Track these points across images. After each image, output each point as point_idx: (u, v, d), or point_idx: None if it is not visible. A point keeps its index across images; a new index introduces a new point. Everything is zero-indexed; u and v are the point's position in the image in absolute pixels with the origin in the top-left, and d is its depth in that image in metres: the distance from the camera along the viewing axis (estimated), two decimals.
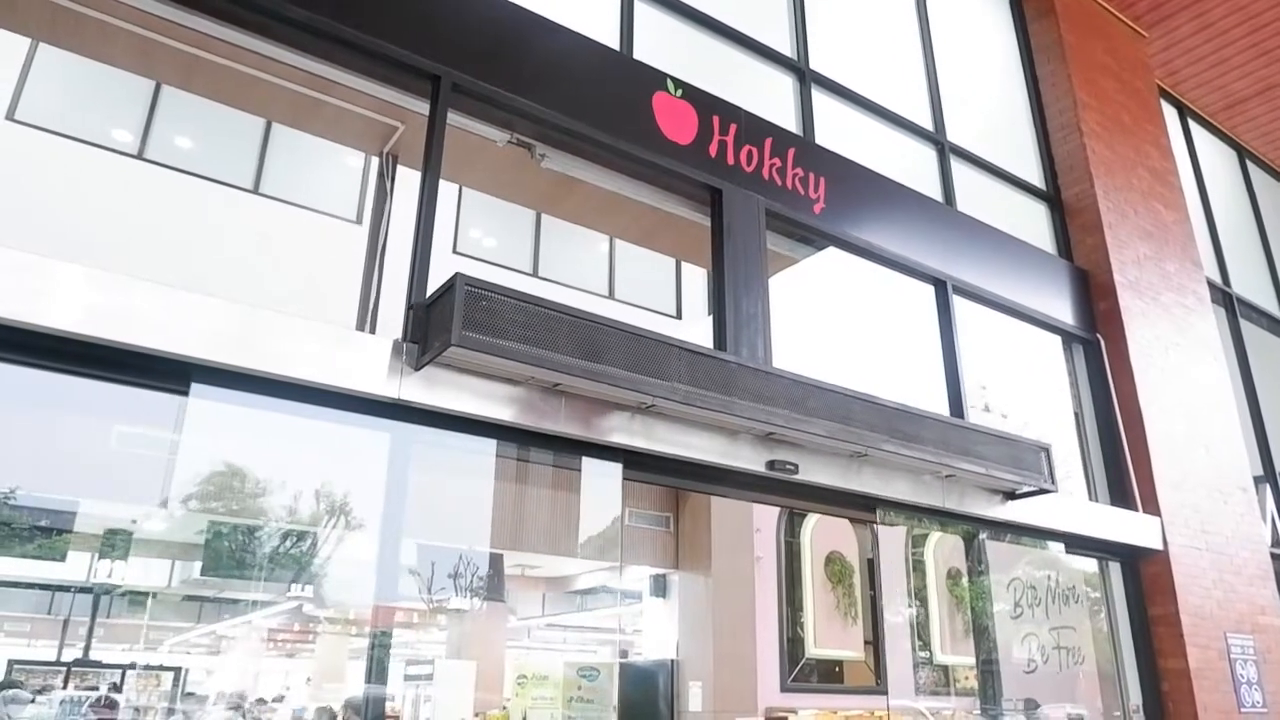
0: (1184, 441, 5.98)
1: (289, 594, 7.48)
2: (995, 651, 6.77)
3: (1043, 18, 7.02)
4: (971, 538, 5.36)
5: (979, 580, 6.58)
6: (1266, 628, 5.87)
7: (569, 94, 4.06)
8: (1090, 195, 6.32)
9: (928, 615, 8.26)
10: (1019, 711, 6.22)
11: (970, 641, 6.25)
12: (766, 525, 8.82)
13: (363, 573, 5.73)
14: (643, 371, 3.28)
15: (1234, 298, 7.95)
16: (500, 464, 3.76)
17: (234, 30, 3.43)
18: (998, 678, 7.11)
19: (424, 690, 11.51)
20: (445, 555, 6.80)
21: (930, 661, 8.36)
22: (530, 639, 15.84)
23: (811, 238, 4.98)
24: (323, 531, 6.29)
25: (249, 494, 5.64)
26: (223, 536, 6.43)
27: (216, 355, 2.72)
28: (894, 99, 5.81)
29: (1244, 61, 8.08)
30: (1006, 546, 5.53)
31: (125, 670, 10.25)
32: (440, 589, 7.17)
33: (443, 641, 10.97)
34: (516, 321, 3.03)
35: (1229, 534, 5.99)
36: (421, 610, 10.51)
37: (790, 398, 3.65)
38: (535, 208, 5.01)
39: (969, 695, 6.11)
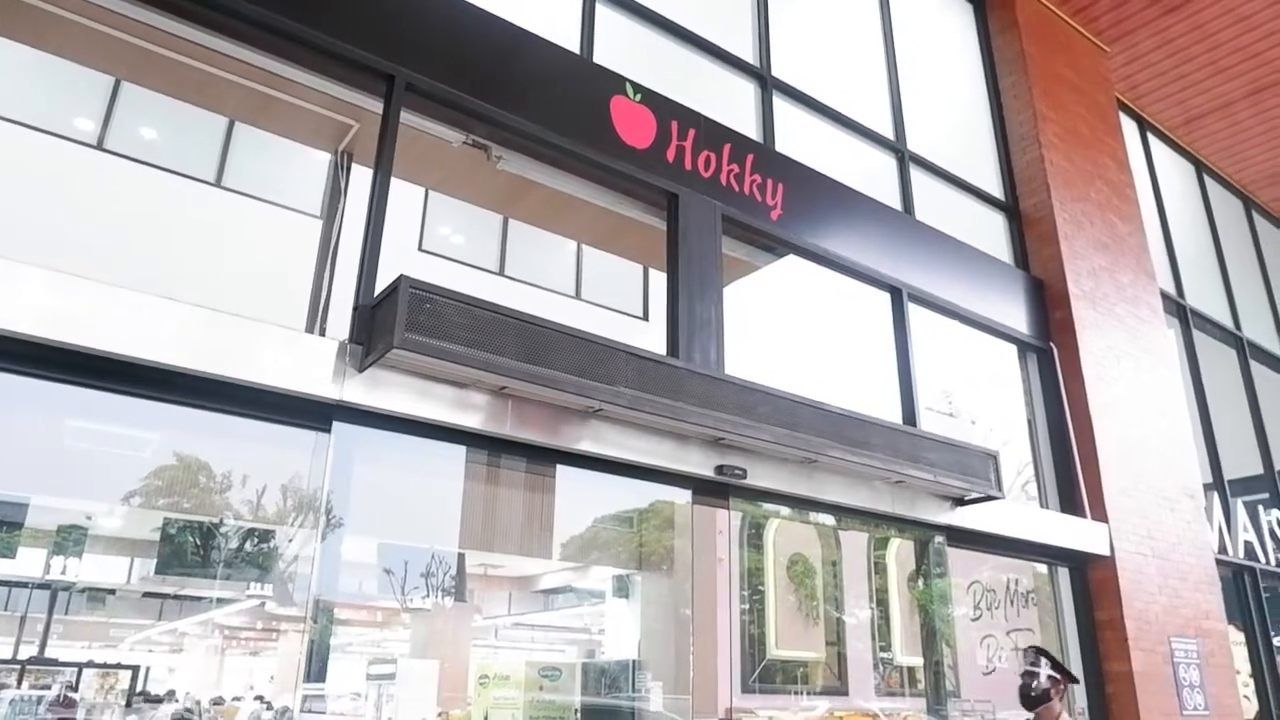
0: (1133, 449, 6.08)
1: (248, 592, 7.44)
2: (951, 653, 6.84)
3: (1006, 30, 7.11)
4: (925, 542, 5.43)
5: (939, 583, 6.65)
6: (1210, 632, 5.99)
7: (526, 96, 4.07)
8: (1047, 206, 6.42)
9: (888, 617, 8.34)
10: (975, 713, 6.30)
11: (932, 643, 6.32)
12: (729, 527, 8.87)
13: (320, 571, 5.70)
14: (590, 376, 3.30)
15: (1188, 309, 8.10)
16: (454, 464, 3.76)
17: (186, 25, 3.41)
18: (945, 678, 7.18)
19: (387, 689, 11.43)
20: (403, 553, 6.79)
21: (891, 663, 8.44)
22: (497, 638, 15.78)
23: (770, 244, 5.02)
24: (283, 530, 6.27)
25: (201, 492, 5.61)
26: (176, 534, 6.38)
27: (162, 356, 2.71)
28: (856, 107, 5.87)
29: (1203, 78, 8.24)
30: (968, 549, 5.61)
31: (82, 668, 10.11)
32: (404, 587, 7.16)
33: (407, 640, 10.92)
34: (461, 324, 3.04)
35: (1175, 540, 6.11)
36: (386, 609, 10.48)
37: (739, 404, 3.69)
38: (492, 209, 5.02)
39: None
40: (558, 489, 8.10)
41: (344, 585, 8.57)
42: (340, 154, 4.22)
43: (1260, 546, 7.34)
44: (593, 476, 3.83)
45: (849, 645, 9.68)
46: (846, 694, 9.50)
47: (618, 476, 3.73)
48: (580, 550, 8.43)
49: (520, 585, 10.92)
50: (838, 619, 9.76)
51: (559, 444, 3.51)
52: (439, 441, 3.39)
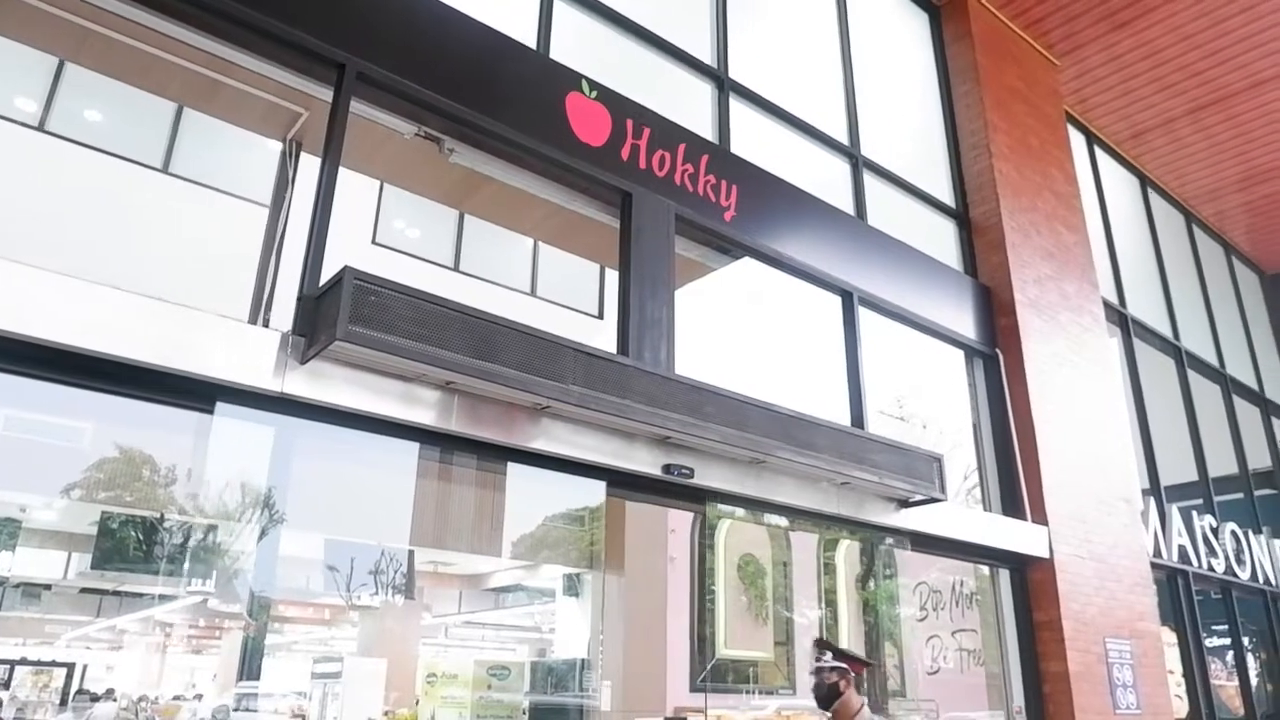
0: (1074, 455, 6.23)
1: (188, 588, 7.27)
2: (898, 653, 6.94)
3: (960, 40, 7.23)
4: (870, 543, 5.50)
5: (887, 584, 6.75)
6: (1144, 633, 6.15)
7: (480, 89, 4.03)
8: (996, 215, 6.54)
9: (837, 617, 8.43)
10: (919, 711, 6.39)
11: (881, 643, 6.41)
12: (681, 526, 8.89)
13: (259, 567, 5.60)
14: (537, 372, 3.28)
15: (1129, 319, 8.32)
16: (403, 460, 3.72)
17: (128, 4, 3.32)
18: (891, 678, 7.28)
19: (332, 688, 11.26)
20: (350, 550, 6.70)
21: None
22: (447, 637, 15.65)
23: (724, 246, 5.05)
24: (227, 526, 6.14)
25: (145, 485, 5.47)
26: (117, 528, 6.21)
27: (97, 344, 2.63)
28: (812, 112, 5.92)
29: (1148, 94, 8.46)
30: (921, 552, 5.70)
31: (14, 665, 9.83)
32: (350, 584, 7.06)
33: (354, 639, 10.78)
34: (407, 317, 3.00)
35: (1112, 544, 6.26)
36: (333, 606, 10.33)
37: (687, 403, 3.70)
38: (444, 202, 4.97)
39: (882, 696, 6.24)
40: (508, 486, 8.06)
41: (288, 582, 8.44)
42: (289, 142, 4.15)
43: (1193, 551, 7.56)
44: (541, 473, 3.81)
45: (798, 645, 9.78)
46: (795, 693, 9.60)
47: (560, 473, 3.71)
48: (531, 548, 8.40)
49: (471, 583, 10.84)
50: (788, 619, 9.85)
51: (507, 440, 3.49)
52: (386, 436, 3.35)
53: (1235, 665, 8.12)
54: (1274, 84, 8.28)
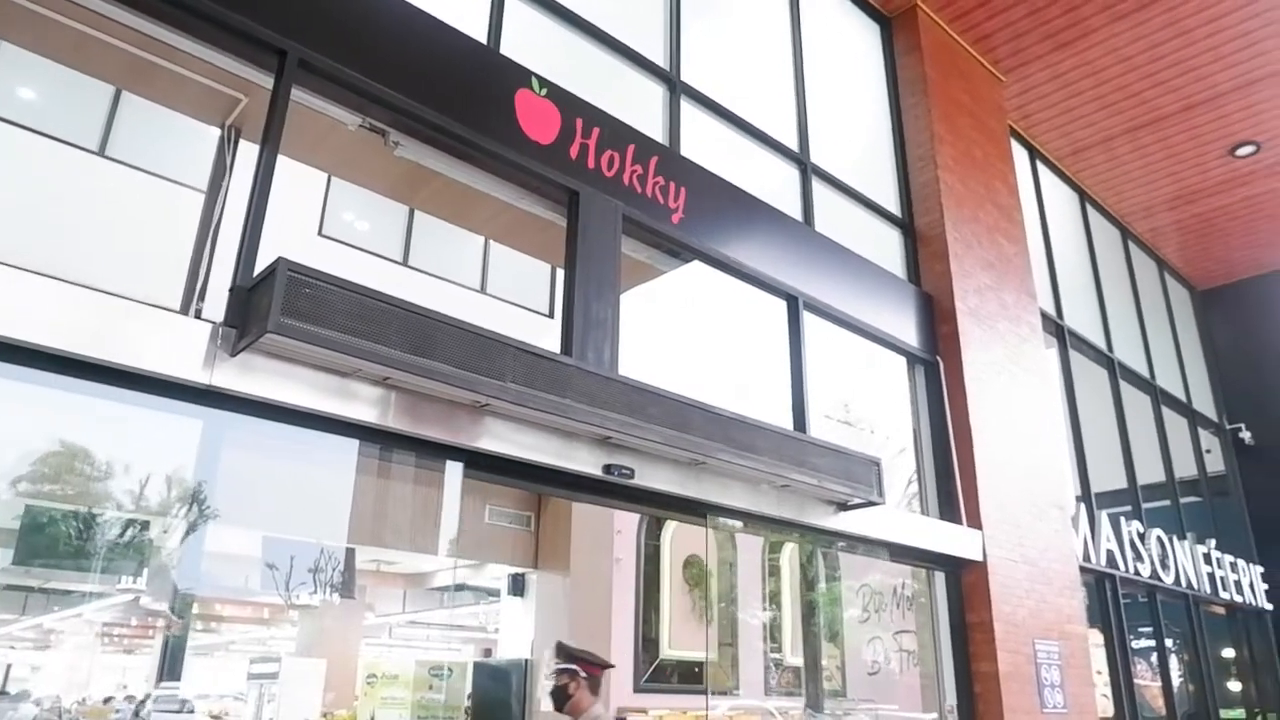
0: (1009, 461, 6.38)
1: (119, 585, 7.07)
2: (840, 653, 7.05)
3: (910, 53, 7.36)
4: (817, 546, 5.58)
5: (830, 586, 6.85)
6: (1071, 635, 6.32)
7: (427, 82, 3.99)
8: (940, 225, 6.67)
9: (781, 619, 8.53)
10: (858, 710, 6.49)
11: (823, 644, 6.50)
12: (627, 527, 8.91)
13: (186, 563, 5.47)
14: (476, 370, 3.26)
15: (1066, 329, 8.55)
16: (341, 457, 3.66)
17: None
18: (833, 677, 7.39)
19: (269, 689, 11.04)
20: (288, 548, 6.58)
21: (782, 663, 8.64)
22: (391, 637, 15.46)
23: (673, 249, 5.07)
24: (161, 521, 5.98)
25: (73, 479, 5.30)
26: (46, 523, 6.01)
27: (17, 333, 2.54)
28: (763, 118, 5.98)
29: (1089, 112, 8.70)
30: (859, 555, 5.78)
31: None
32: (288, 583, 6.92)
33: (293, 638, 10.58)
34: (343, 311, 2.96)
35: (1044, 548, 6.42)
36: (271, 605, 10.13)
37: (628, 403, 3.70)
38: (389, 196, 4.91)
39: (825, 695, 6.33)
40: (450, 484, 7.99)
41: (226, 580, 8.24)
42: (227, 128, 4.06)
43: (1121, 555, 7.80)
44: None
45: (742, 646, 9.88)
46: (738, 693, 9.68)
47: (504, 476, 3.69)
48: (475, 547, 8.34)
49: (414, 582, 10.72)
50: (732, 620, 9.94)
51: (445, 438, 3.45)
52: (322, 433, 3.29)
53: (1159, 666, 8.39)
54: (1203, 108, 8.58)
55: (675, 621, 9.13)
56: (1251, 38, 7.71)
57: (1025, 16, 7.46)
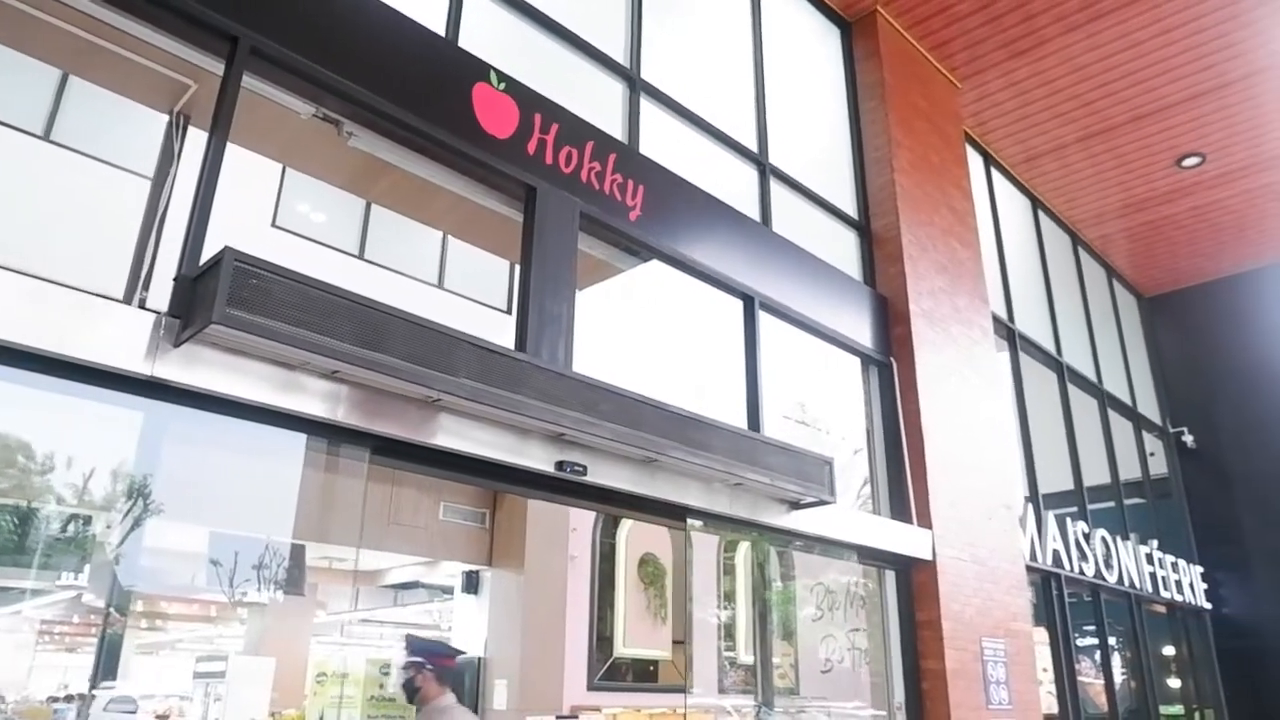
0: (960, 462, 6.48)
1: (59, 582, 6.88)
2: (794, 652, 7.11)
3: (869, 58, 7.44)
4: (772, 545, 5.62)
5: (786, 585, 6.90)
6: (1017, 633, 6.45)
7: (383, 73, 3.94)
8: (896, 228, 6.75)
9: (735, 617, 8.58)
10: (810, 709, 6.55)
11: (777, 642, 6.55)
12: (583, 525, 8.90)
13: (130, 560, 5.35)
14: (428, 364, 3.23)
15: (1016, 333, 8.72)
16: (290, 451, 3.60)
17: None
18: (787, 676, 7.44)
19: (216, 689, 10.82)
20: (233, 544, 6.45)
21: (736, 661, 8.69)
22: (343, 635, 15.26)
23: (630, 247, 5.07)
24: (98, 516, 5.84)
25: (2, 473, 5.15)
26: None
27: None
28: (722, 118, 6.00)
29: (1042, 120, 8.87)
30: (813, 553, 5.83)
31: None
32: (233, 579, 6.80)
33: (242, 637, 10.40)
34: (290, 303, 2.91)
35: (993, 547, 6.54)
36: (219, 603, 9.92)
37: (582, 400, 3.70)
38: (342, 187, 4.83)
39: (778, 693, 6.38)
40: (404, 479, 7.90)
41: (171, 577, 8.07)
42: (176, 115, 3.97)
43: (1066, 555, 7.97)
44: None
45: (696, 644, 9.91)
46: (692, 691, 9.72)
47: (457, 472, 3.66)
48: (429, 544, 8.26)
49: (367, 580, 10.59)
50: (686, 618, 9.97)
51: (397, 433, 3.41)
52: (269, 426, 3.24)
53: (1101, 664, 8.60)
54: (1152, 119, 8.80)
55: (630, 620, 9.14)
56: (1199, 51, 7.92)
57: (982, 25, 7.59)
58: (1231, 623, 10.91)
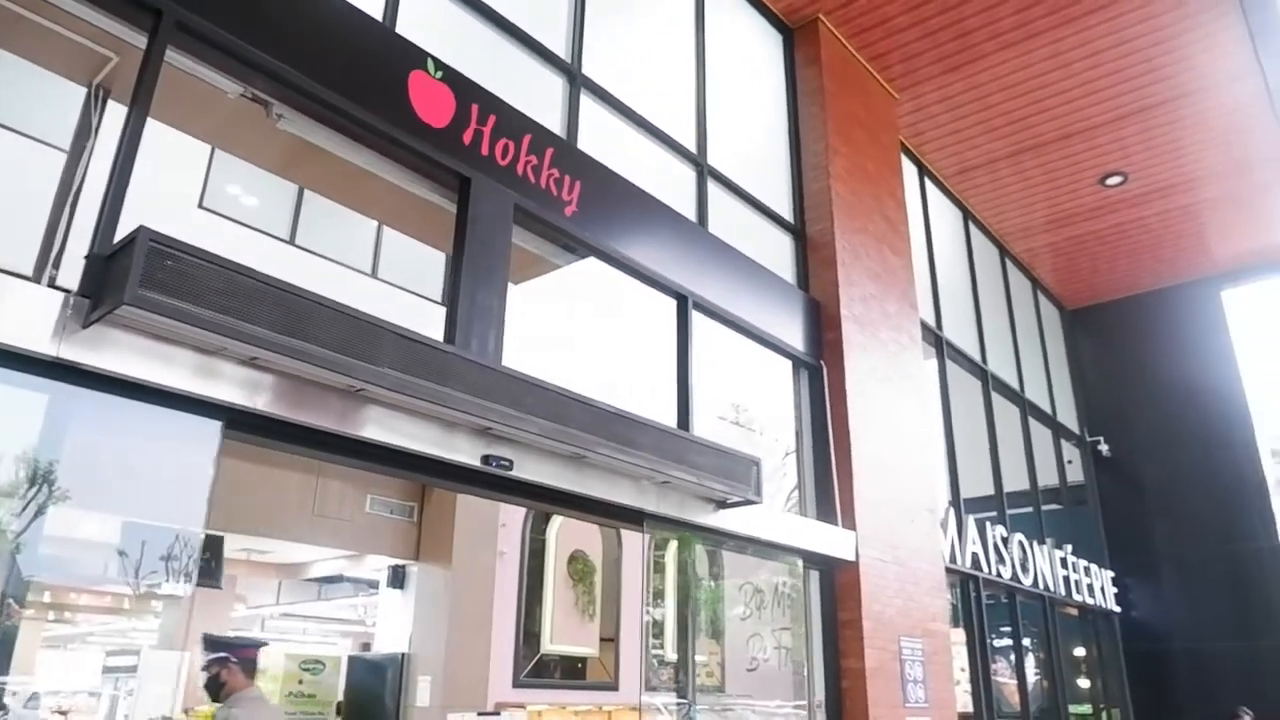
0: (885, 465, 6.62)
1: None
2: (721, 650, 7.16)
3: (810, 65, 7.54)
4: (698, 543, 5.65)
5: (713, 583, 6.95)
6: (935, 633, 6.61)
7: (315, 55, 3.85)
8: (830, 233, 6.86)
9: (664, 615, 8.60)
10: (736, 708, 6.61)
11: (704, 640, 6.59)
12: (513, 521, 8.84)
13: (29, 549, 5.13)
14: (351, 354, 3.17)
15: (944, 341, 8.94)
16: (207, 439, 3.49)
17: None
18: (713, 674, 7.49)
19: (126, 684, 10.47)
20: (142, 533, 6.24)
21: (663, 659, 8.72)
22: (264, 630, 14.91)
23: (567, 243, 5.05)
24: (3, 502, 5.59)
25: None
26: None
27: None
28: (662, 117, 6.02)
29: (975, 135, 9.11)
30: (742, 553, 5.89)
31: None
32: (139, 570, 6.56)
33: (155, 630, 10.08)
34: (209, 286, 2.83)
35: (914, 549, 6.70)
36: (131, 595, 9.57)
37: (510, 394, 3.67)
38: (270, 170, 4.71)
39: (704, 691, 6.42)
40: (330, 471, 7.74)
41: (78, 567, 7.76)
42: (95, 88, 3.83)
43: (985, 558, 8.21)
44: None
45: (624, 642, 9.92)
46: (618, 689, 9.73)
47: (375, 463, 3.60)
48: (355, 538, 8.12)
49: (289, 573, 10.34)
50: (615, 616, 9.97)
51: (317, 423, 3.34)
52: (184, 413, 3.14)
53: (1016, 664, 8.88)
54: (1079, 137, 9.11)
55: (558, 616, 9.12)
56: (1125, 74, 8.23)
57: (919, 39, 7.75)
58: (1139, 625, 11.37)
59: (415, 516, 8.42)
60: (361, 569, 9.28)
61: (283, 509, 7.37)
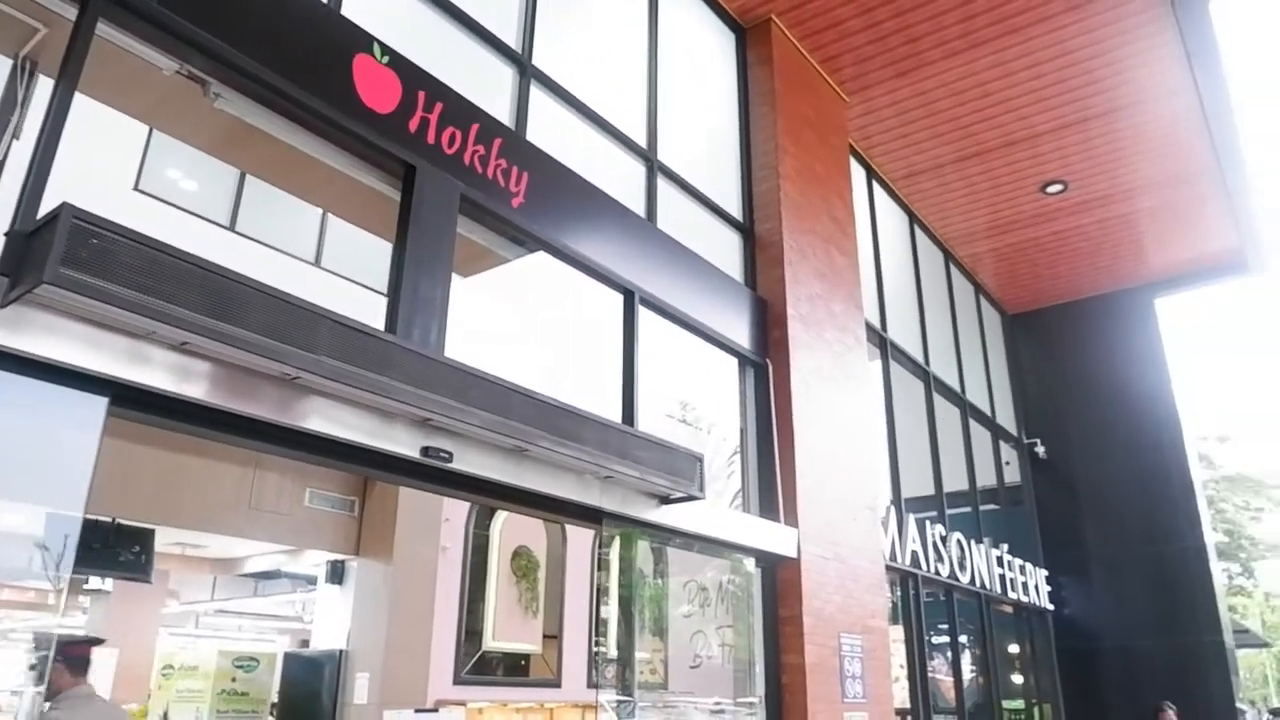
0: (828, 463, 6.69)
1: None
2: (664, 647, 7.16)
3: (762, 65, 7.59)
4: (643, 540, 5.64)
5: (657, 580, 6.95)
6: (874, 629, 6.71)
7: (258, 35, 3.75)
8: (778, 233, 6.91)
9: (608, 612, 8.58)
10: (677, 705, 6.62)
11: (648, 638, 6.59)
12: (456, 516, 8.74)
13: None
14: (286, 340, 3.08)
15: (889, 342, 9.08)
16: (134, 427, 3.37)
17: None
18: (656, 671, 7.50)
19: None
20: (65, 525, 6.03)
21: (605, 656, 8.70)
22: (198, 626, 14.53)
23: (515, 236, 5.00)
24: None
25: None
26: None
27: None
28: (613, 111, 6.00)
29: (922, 140, 9.26)
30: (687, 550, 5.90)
31: None
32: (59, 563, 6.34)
33: (83, 626, 9.76)
34: (135, 267, 2.73)
35: (855, 547, 6.78)
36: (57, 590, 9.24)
37: (451, 385, 3.62)
38: (208, 151, 4.57)
39: (647, 689, 6.42)
40: (268, 463, 7.56)
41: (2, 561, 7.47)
42: (22, 60, 3.67)
43: (924, 556, 8.35)
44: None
45: (568, 639, 9.88)
46: (560, 686, 9.69)
47: (310, 453, 3.52)
48: (294, 532, 7.95)
49: (225, 568, 10.08)
50: (559, 613, 9.93)
51: (252, 411, 3.25)
52: (107, 399, 3.02)
53: (952, 660, 9.05)
54: (1022, 145, 9.32)
55: (501, 613, 9.05)
56: (1067, 85, 8.43)
57: (870, 43, 7.85)
58: (1071, 623, 11.69)
59: (356, 511, 8.28)
60: (300, 564, 9.09)
61: (218, 502, 7.18)
